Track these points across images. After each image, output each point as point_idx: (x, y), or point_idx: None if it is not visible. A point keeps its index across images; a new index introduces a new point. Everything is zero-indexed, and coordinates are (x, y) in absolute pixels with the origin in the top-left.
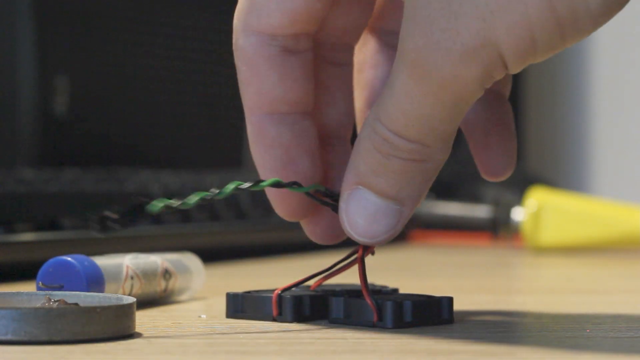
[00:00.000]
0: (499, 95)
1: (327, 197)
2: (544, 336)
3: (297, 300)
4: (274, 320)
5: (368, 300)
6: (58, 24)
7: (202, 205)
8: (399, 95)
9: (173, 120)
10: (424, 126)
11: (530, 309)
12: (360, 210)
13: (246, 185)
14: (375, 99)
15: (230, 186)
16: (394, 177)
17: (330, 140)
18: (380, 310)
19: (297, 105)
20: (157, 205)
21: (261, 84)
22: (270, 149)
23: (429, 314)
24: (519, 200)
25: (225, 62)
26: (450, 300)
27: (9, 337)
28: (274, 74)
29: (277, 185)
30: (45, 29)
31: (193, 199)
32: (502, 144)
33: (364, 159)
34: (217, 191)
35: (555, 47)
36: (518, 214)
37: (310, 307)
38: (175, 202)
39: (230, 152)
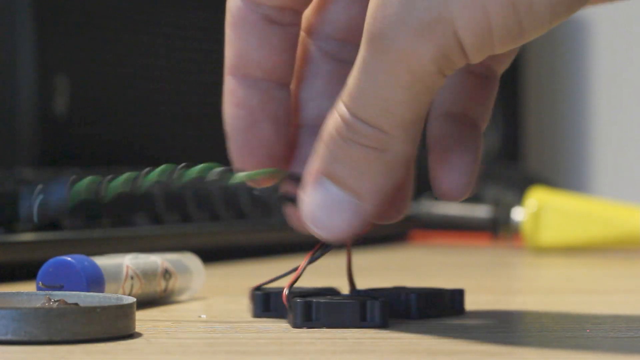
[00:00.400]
0: (468, 119)
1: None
2: (544, 336)
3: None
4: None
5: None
6: (58, 24)
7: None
8: (359, 72)
9: (173, 120)
10: (382, 108)
11: (530, 309)
12: (320, 202)
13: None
14: None
15: (198, 168)
16: (354, 165)
17: (308, 128)
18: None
19: (272, 73)
20: (115, 186)
21: (240, 46)
22: (236, 108)
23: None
24: (519, 200)
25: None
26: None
27: (9, 337)
28: (252, 39)
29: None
30: (45, 29)
31: (154, 175)
32: (462, 164)
33: (326, 144)
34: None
35: (512, 32)
36: (518, 214)
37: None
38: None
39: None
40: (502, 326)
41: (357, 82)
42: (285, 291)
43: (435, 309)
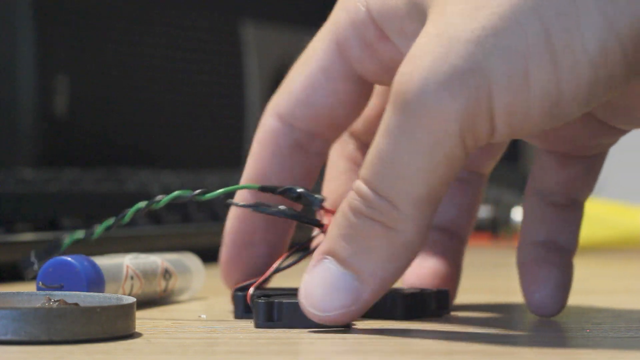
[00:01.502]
0: (556, 244)
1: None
2: (544, 336)
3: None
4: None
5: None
6: (58, 24)
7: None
8: (379, 136)
9: (173, 120)
10: (397, 175)
11: None
12: (320, 281)
13: (193, 193)
14: None
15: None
16: (360, 243)
17: None
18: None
19: (283, 201)
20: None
21: (262, 165)
22: (238, 222)
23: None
24: (519, 200)
25: (225, 62)
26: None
27: (9, 337)
28: (276, 162)
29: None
30: (45, 29)
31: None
32: (550, 279)
33: (337, 224)
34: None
35: (552, 100)
36: (518, 214)
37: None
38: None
39: (230, 152)
40: (502, 326)
41: (375, 147)
42: (251, 291)
43: (420, 310)
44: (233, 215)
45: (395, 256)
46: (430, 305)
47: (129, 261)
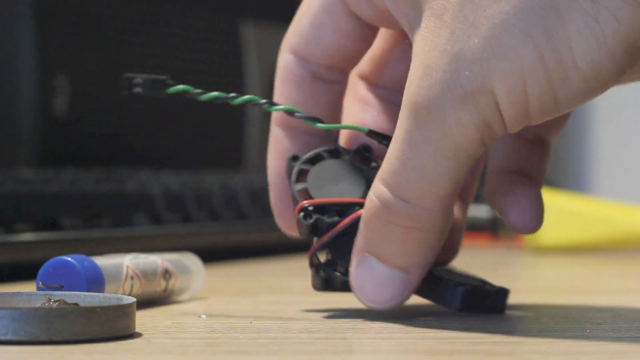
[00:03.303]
0: (525, 174)
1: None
2: (544, 336)
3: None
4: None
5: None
6: (58, 24)
7: (216, 102)
8: (401, 145)
9: (173, 120)
10: (424, 180)
11: (530, 309)
12: (368, 277)
13: (262, 101)
14: None
15: (246, 97)
16: (397, 246)
17: None
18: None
19: (317, 130)
20: (177, 87)
21: (286, 101)
22: (280, 159)
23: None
24: None
25: (225, 62)
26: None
27: (9, 337)
28: (299, 94)
29: (290, 112)
30: (45, 29)
31: (211, 94)
32: (526, 199)
33: (367, 226)
34: (233, 95)
35: (548, 105)
36: None
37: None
38: (193, 91)
39: (230, 152)
40: (503, 326)
41: (399, 155)
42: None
43: (477, 306)
44: (273, 153)
45: (432, 245)
46: (487, 303)
47: (129, 261)
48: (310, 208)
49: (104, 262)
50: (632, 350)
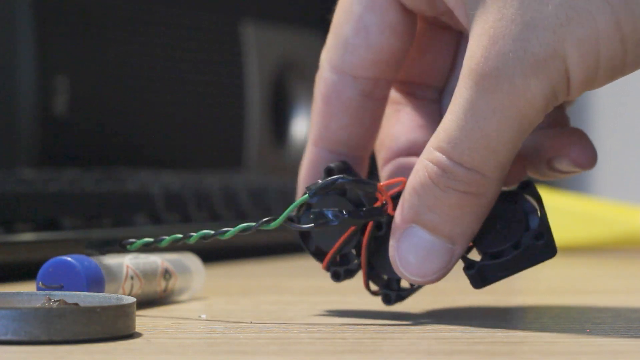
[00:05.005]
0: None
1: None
2: (544, 336)
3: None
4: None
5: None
6: (58, 24)
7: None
8: (463, 114)
9: (173, 120)
10: (487, 149)
11: (530, 309)
12: (413, 249)
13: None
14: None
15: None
16: (449, 212)
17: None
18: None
19: (356, 149)
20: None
21: (330, 121)
22: (313, 178)
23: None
24: None
25: (225, 62)
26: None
27: (9, 337)
28: (345, 118)
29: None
30: (45, 29)
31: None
32: (576, 139)
33: (419, 194)
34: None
35: (616, 69)
36: None
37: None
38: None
39: (230, 152)
40: (502, 326)
41: (460, 124)
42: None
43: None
44: (306, 170)
45: (481, 214)
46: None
47: (129, 261)
48: (335, 267)
49: (104, 262)
50: (632, 351)
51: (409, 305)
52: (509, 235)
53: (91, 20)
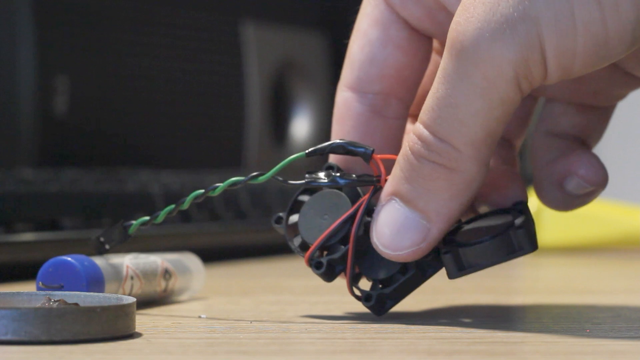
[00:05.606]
0: (573, 137)
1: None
2: (544, 336)
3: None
4: None
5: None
6: (58, 24)
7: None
8: (437, 82)
9: (173, 120)
10: (455, 119)
11: (530, 309)
12: (389, 220)
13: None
14: None
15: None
16: (423, 184)
17: None
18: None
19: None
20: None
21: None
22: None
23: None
24: None
25: (225, 62)
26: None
27: (9, 337)
28: (355, 134)
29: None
30: (45, 29)
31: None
32: (586, 156)
33: (400, 165)
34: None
35: (597, 38)
36: None
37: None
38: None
39: (230, 152)
40: (502, 326)
41: (434, 93)
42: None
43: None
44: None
45: (457, 194)
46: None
47: (129, 261)
48: (316, 255)
49: (104, 262)
50: (632, 351)
51: (409, 305)
52: (490, 231)
53: (91, 20)
